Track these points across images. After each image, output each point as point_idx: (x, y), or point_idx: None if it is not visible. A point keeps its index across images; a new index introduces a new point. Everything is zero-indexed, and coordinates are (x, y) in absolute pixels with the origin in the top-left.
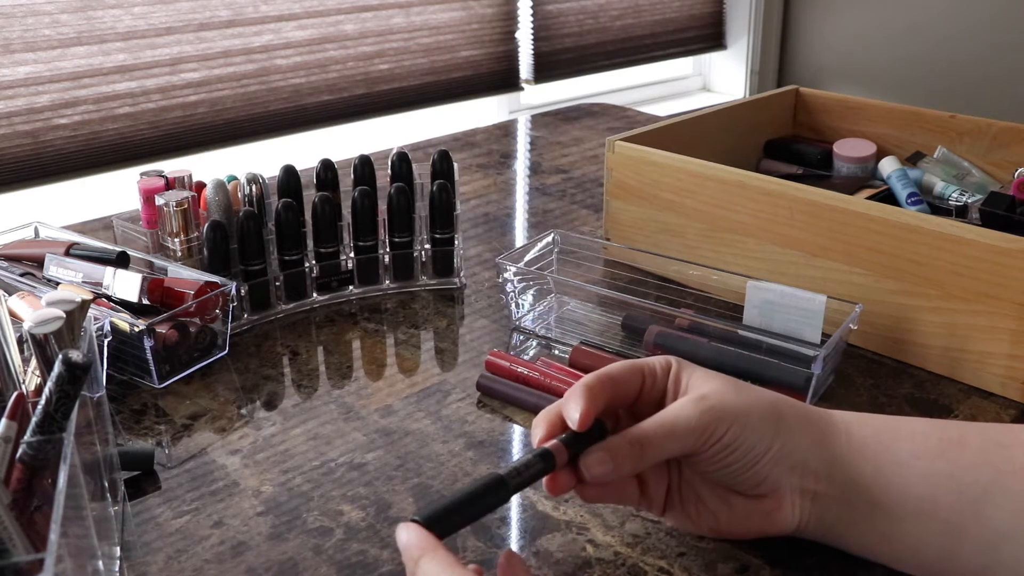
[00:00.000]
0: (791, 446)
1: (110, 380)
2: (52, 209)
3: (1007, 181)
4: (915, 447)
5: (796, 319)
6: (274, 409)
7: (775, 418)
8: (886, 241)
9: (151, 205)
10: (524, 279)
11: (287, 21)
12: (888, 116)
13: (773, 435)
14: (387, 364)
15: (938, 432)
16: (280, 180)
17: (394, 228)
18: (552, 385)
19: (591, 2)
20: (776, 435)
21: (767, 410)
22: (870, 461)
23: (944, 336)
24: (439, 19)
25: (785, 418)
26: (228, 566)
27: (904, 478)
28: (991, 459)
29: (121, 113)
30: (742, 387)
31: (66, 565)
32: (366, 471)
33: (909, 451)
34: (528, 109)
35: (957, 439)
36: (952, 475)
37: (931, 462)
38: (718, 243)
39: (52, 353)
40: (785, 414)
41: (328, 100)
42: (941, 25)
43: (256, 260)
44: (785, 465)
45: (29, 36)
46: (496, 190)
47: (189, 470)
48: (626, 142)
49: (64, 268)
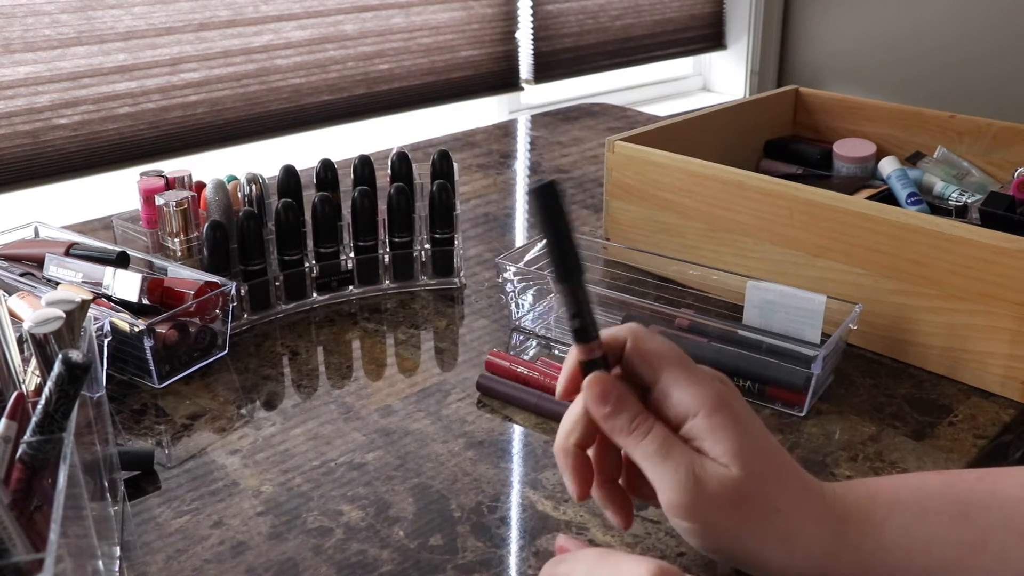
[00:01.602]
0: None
1: (110, 380)
2: (52, 209)
3: (1007, 181)
4: (931, 562)
5: (796, 319)
6: (274, 409)
7: (762, 545)
8: (886, 241)
9: (151, 205)
10: (524, 279)
11: (287, 21)
12: (888, 116)
13: (746, 559)
14: (387, 364)
15: (957, 534)
16: (280, 180)
17: (394, 228)
18: (552, 385)
19: (591, 2)
20: (754, 559)
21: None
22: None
23: (944, 336)
24: (439, 19)
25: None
26: (228, 566)
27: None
28: (1017, 556)
29: (121, 113)
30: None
31: (66, 565)
32: (366, 471)
33: (924, 566)
34: (528, 109)
35: (979, 539)
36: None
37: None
38: (718, 243)
39: (52, 353)
40: (778, 539)
41: (328, 100)
42: (941, 25)
43: (256, 260)
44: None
45: (29, 36)
46: (496, 190)
47: (189, 470)
48: (626, 142)
49: (64, 268)
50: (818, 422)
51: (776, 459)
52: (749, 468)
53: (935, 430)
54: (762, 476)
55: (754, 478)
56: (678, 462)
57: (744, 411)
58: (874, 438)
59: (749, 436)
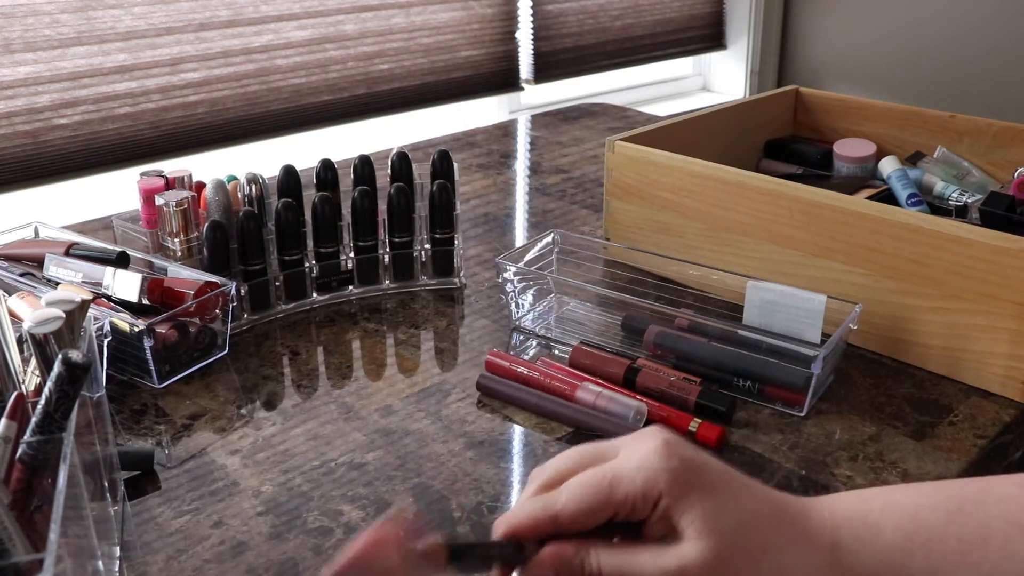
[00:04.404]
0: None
1: (110, 380)
2: (52, 209)
3: (1007, 181)
4: (932, 561)
5: (796, 319)
6: (274, 409)
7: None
8: (886, 241)
9: (151, 205)
10: (524, 279)
11: (287, 21)
12: (888, 116)
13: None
14: (387, 364)
15: (955, 529)
16: (280, 180)
17: (394, 228)
18: (552, 385)
19: (591, 2)
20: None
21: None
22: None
23: (944, 336)
24: (439, 19)
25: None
26: (228, 566)
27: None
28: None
29: (121, 113)
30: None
31: (66, 565)
32: (366, 471)
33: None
34: (528, 109)
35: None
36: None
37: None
38: (718, 243)
39: (52, 353)
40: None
41: (328, 100)
42: (941, 25)
43: (256, 260)
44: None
45: (29, 36)
46: (496, 190)
47: (189, 470)
48: (626, 142)
49: (64, 268)
50: (818, 422)
51: (749, 503)
52: (717, 527)
53: (935, 430)
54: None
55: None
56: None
57: (696, 458)
58: (874, 438)
59: (711, 494)
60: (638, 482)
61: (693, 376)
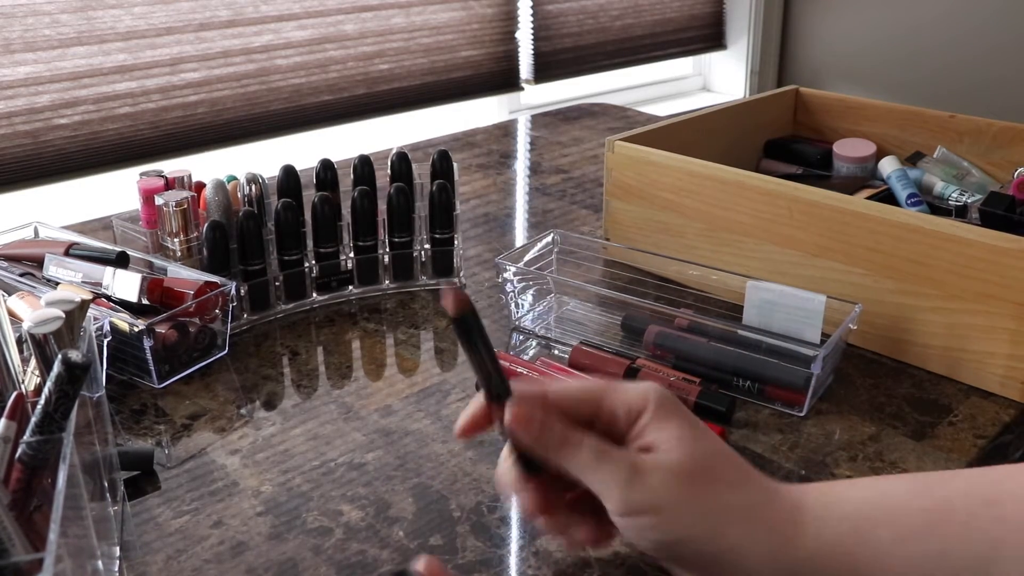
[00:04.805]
0: (737, 555)
1: (110, 380)
2: (52, 209)
3: (1007, 181)
4: (898, 530)
5: (796, 319)
6: (274, 409)
7: (723, 521)
8: (886, 241)
9: (151, 205)
10: (524, 279)
11: (287, 21)
12: (888, 116)
13: (710, 539)
14: (387, 364)
15: (920, 502)
16: (280, 180)
17: (394, 228)
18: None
19: (591, 2)
20: (716, 540)
21: (713, 512)
22: (846, 559)
23: (944, 336)
24: (439, 19)
25: (735, 522)
26: (228, 566)
27: (891, 569)
28: (983, 525)
29: (121, 113)
30: (703, 470)
31: (65, 565)
32: (366, 471)
33: (892, 536)
34: (528, 109)
35: (943, 506)
36: (945, 553)
37: (919, 544)
38: (717, 243)
39: (52, 353)
40: (737, 517)
41: (328, 100)
42: (941, 25)
43: (256, 260)
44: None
45: (29, 36)
46: (496, 190)
47: (189, 470)
48: (626, 142)
49: (64, 268)
50: (818, 422)
51: (721, 446)
52: (691, 447)
53: (935, 430)
54: (707, 453)
55: (698, 455)
56: (616, 463)
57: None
58: (874, 438)
59: (690, 423)
60: (630, 392)
61: (693, 376)
